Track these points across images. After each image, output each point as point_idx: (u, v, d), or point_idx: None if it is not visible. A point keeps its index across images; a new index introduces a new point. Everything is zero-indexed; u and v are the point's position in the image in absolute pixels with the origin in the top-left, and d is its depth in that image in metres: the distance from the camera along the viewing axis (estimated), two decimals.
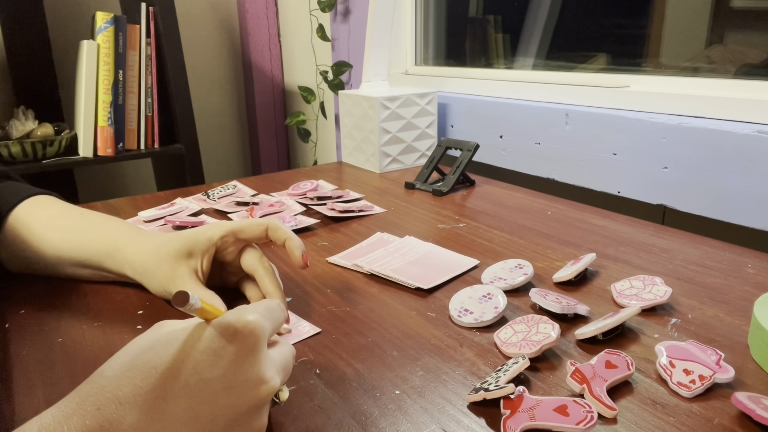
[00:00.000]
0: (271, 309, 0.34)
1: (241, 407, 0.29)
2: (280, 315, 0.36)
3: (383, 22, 1.04)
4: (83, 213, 0.56)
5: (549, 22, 1.08)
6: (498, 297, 0.49)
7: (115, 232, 0.53)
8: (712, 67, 0.81)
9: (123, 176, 1.76)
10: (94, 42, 1.24)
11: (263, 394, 0.30)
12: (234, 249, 0.50)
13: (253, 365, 0.30)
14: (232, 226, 0.50)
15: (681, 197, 0.76)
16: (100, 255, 0.52)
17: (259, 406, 0.31)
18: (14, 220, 0.54)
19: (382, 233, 0.68)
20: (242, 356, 0.30)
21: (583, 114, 0.87)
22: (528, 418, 0.35)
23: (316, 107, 1.62)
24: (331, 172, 1.01)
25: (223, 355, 0.29)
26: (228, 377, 0.29)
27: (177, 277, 0.48)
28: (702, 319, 0.47)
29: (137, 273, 0.51)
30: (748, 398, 0.35)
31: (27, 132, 1.22)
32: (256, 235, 0.50)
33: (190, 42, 1.72)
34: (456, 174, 0.87)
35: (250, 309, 0.33)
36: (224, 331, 0.30)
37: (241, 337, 0.30)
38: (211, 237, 0.49)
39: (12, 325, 0.48)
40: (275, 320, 0.34)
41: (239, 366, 0.30)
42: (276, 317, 0.34)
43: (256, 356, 0.31)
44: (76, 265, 0.54)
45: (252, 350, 0.30)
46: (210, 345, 0.30)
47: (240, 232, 0.50)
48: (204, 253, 0.49)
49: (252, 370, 0.30)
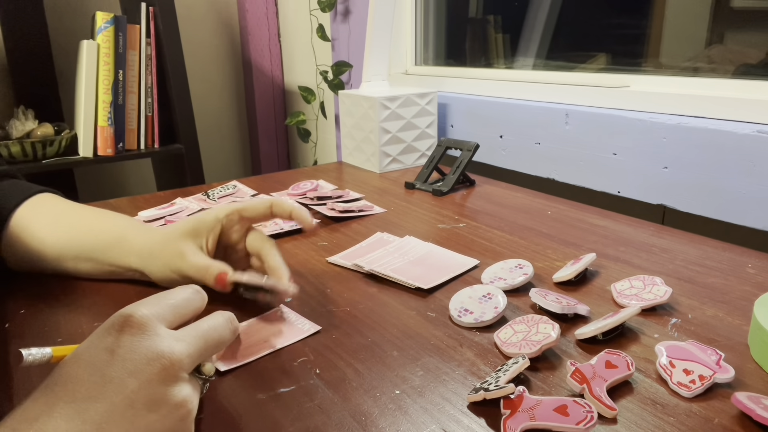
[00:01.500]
0: (170, 297, 0.35)
1: (151, 386, 0.30)
2: (189, 299, 0.36)
3: (383, 22, 1.04)
4: (88, 209, 0.57)
5: (549, 22, 1.08)
6: (498, 297, 0.49)
7: (121, 224, 0.54)
8: (712, 67, 0.81)
9: (123, 176, 1.76)
10: (94, 42, 1.24)
11: (167, 364, 0.31)
12: (239, 228, 0.52)
13: (149, 344, 0.31)
14: (236, 205, 0.52)
15: (681, 197, 0.76)
16: (105, 246, 0.53)
17: (169, 379, 0.31)
18: (17, 219, 0.54)
19: (382, 233, 0.68)
20: (134, 342, 0.31)
21: (583, 114, 0.87)
22: (528, 418, 0.35)
23: (316, 107, 1.62)
24: (331, 172, 1.01)
25: (115, 348, 0.30)
26: (127, 365, 0.30)
27: (184, 252, 0.49)
28: (702, 319, 0.47)
29: (142, 259, 0.51)
30: (748, 398, 0.35)
31: (27, 132, 1.22)
32: (261, 212, 0.51)
33: (190, 42, 1.72)
34: (456, 174, 0.87)
35: (142, 302, 0.34)
36: (110, 328, 0.31)
37: (127, 327, 0.31)
38: (216, 215, 0.51)
39: (12, 324, 0.48)
40: (176, 306, 0.35)
41: (133, 351, 0.30)
42: (178, 303, 0.35)
43: (149, 336, 0.31)
44: (79, 259, 0.54)
45: (142, 334, 0.31)
46: (102, 344, 0.31)
47: (244, 211, 0.51)
48: (209, 231, 0.51)
49: (149, 350, 0.31)
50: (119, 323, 0.31)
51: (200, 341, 0.34)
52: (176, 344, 0.32)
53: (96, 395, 0.29)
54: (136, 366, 0.30)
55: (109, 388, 0.29)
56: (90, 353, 0.30)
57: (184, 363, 0.32)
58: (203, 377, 0.34)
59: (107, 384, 0.29)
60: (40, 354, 0.30)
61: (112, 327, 0.31)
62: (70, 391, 0.28)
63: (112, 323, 0.31)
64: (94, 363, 0.30)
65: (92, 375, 0.29)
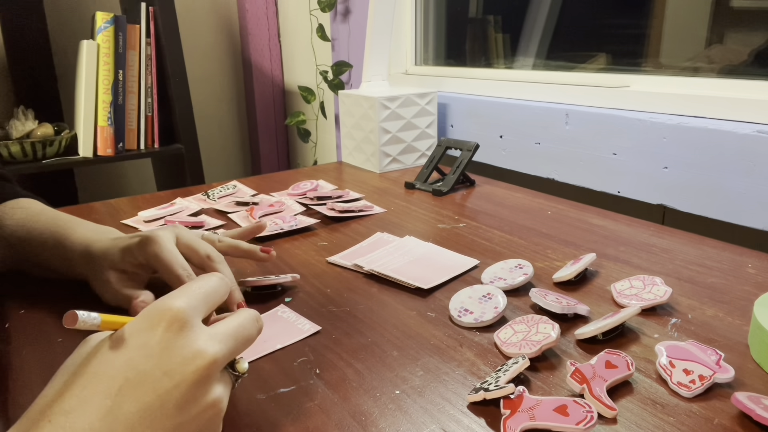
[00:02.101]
0: (201, 286, 0.34)
1: (185, 386, 0.30)
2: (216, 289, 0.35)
3: (383, 22, 1.04)
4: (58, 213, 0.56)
5: (549, 22, 1.08)
6: (498, 297, 0.49)
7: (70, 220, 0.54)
8: (712, 67, 0.81)
9: (123, 176, 1.76)
10: (94, 42, 1.24)
11: (202, 365, 0.30)
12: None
13: (185, 343, 0.30)
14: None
15: (681, 197, 0.76)
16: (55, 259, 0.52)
17: (204, 380, 0.30)
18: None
19: (382, 233, 0.68)
20: (171, 339, 0.30)
21: (583, 114, 0.87)
22: (528, 418, 0.35)
23: (316, 107, 1.62)
24: (331, 172, 1.01)
25: (152, 344, 0.30)
26: (163, 362, 0.30)
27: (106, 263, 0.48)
28: (702, 319, 0.47)
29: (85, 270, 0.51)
30: (748, 398, 0.35)
31: (27, 132, 1.22)
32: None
33: (190, 42, 1.72)
34: (456, 174, 0.87)
35: (176, 294, 0.33)
36: (148, 322, 0.31)
37: (165, 323, 0.31)
38: None
39: (12, 325, 0.48)
40: (207, 296, 0.34)
41: (171, 349, 0.30)
42: (208, 292, 0.35)
43: (186, 334, 0.31)
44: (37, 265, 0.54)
45: (180, 330, 0.31)
46: (138, 339, 0.30)
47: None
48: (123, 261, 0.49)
49: (185, 348, 0.30)
50: (157, 317, 0.31)
51: (232, 340, 0.33)
52: (211, 343, 0.31)
53: (130, 393, 0.29)
54: (172, 365, 0.30)
55: (143, 386, 0.29)
56: (127, 346, 0.30)
57: (219, 363, 0.31)
58: (236, 374, 0.34)
59: (142, 382, 0.29)
60: (91, 319, 0.29)
61: (151, 320, 0.31)
62: (105, 387, 0.28)
63: (150, 317, 0.31)
64: (131, 358, 0.29)
65: (128, 371, 0.29)
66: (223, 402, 0.32)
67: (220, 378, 0.32)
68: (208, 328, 0.33)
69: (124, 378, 0.29)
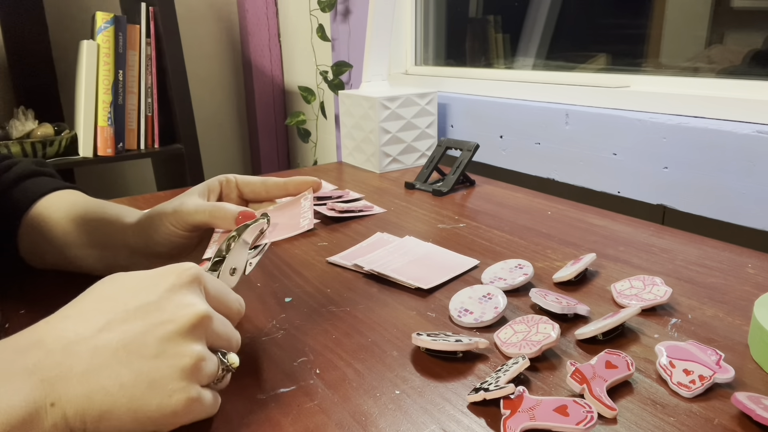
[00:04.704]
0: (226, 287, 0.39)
1: (170, 326, 0.32)
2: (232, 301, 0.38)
3: (383, 22, 1.04)
4: (105, 202, 0.57)
5: (549, 22, 1.08)
6: (498, 297, 0.49)
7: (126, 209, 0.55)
8: (712, 67, 0.81)
9: (123, 176, 1.76)
10: (94, 42, 1.24)
11: (193, 314, 0.32)
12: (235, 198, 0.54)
13: (186, 294, 0.33)
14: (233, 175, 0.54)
15: (681, 197, 0.76)
16: (106, 227, 0.52)
17: (189, 329, 0.32)
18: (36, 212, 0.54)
19: (382, 233, 0.68)
20: (178, 286, 0.33)
21: (583, 114, 0.87)
22: (528, 418, 0.35)
23: (316, 107, 1.62)
24: (331, 172, 1.01)
25: (161, 283, 0.33)
26: (162, 301, 0.33)
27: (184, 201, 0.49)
28: (702, 319, 0.47)
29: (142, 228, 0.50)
30: (748, 398, 0.35)
31: (27, 132, 1.22)
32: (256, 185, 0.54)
33: (190, 42, 1.72)
34: (456, 174, 0.87)
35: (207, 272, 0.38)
36: (170, 267, 0.35)
37: (180, 271, 0.34)
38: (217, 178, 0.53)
39: (12, 325, 0.48)
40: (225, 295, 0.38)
41: (174, 293, 0.33)
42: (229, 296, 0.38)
43: (192, 288, 0.34)
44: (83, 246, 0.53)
45: (189, 283, 0.34)
46: (153, 274, 0.34)
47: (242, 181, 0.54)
48: (211, 191, 0.52)
49: (184, 297, 0.33)
50: (177, 269, 0.34)
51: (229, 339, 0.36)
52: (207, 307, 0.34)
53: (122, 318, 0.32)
54: (167, 305, 0.32)
55: (136, 316, 0.32)
56: (142, 277, 0.34)
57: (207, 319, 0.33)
58: (226, 364, 0.35)
59: (137, 310, 0.32)
60: None
61: (169, 268, 0.34)
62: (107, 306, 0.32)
63: (173, 267, 0.34)
64: (136, 287, 0.33)
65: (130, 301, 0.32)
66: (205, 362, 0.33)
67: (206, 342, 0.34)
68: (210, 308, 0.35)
69: (122, 302, 0.32)
